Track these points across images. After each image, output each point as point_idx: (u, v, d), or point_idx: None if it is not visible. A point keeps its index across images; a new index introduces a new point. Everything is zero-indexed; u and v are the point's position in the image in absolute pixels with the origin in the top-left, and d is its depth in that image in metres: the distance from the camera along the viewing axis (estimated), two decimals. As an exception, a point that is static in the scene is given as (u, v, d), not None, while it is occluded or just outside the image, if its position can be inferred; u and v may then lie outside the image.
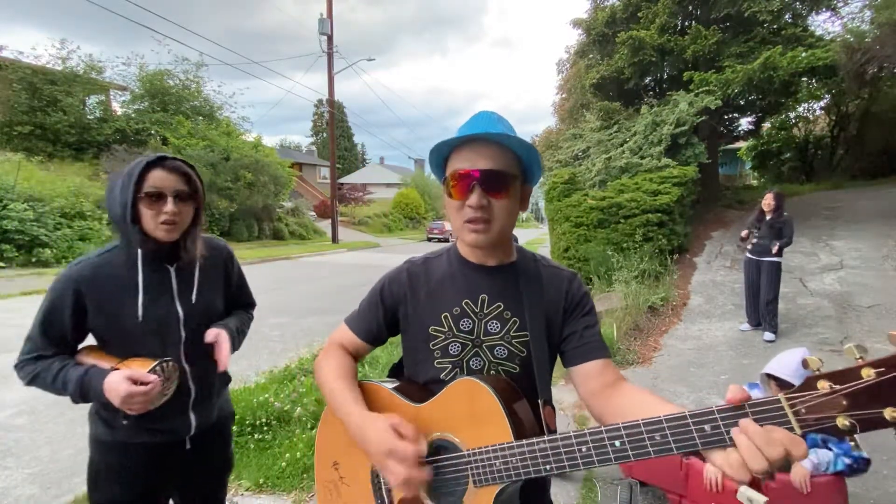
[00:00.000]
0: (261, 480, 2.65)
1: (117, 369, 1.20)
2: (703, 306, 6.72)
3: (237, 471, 2.74)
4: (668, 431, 0.67)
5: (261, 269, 12.71)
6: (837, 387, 0.58)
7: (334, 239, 20.85)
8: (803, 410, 0.60)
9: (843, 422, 0.57)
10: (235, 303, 1.58)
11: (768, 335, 5.29)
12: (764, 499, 1.61)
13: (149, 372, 1.18)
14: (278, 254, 16.05)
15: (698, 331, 5.84)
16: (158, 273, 1.31)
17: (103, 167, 16.22)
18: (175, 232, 1.28)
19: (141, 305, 1.26)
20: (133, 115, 19.65)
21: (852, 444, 0.57)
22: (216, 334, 1.35)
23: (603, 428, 0.73)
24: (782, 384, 2.17)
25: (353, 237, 24.83)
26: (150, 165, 1.24)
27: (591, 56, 14.44)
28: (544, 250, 14.55)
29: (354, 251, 19.11)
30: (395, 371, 1.20)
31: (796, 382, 2.33)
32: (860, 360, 0.58)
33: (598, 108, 13.97)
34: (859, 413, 0.57)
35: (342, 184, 35.73)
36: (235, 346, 1.45)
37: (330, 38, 20.28)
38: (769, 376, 2.23)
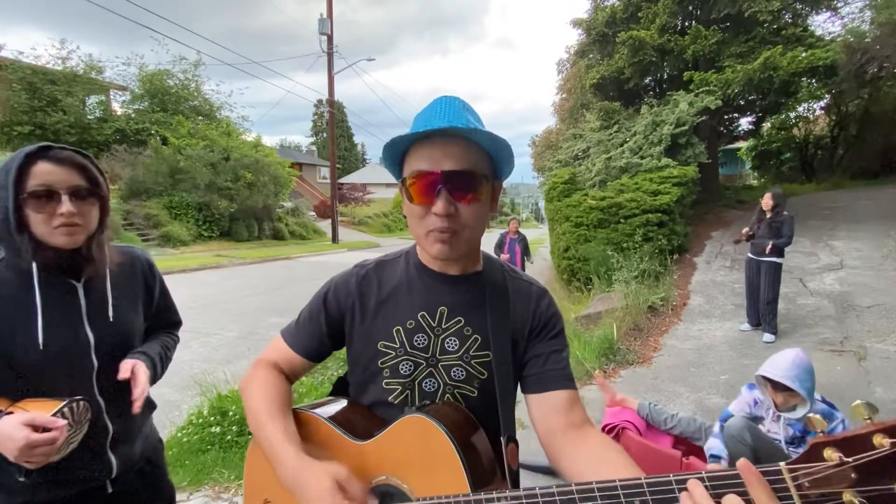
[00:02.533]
0: (261, 480, 2.65)
1: (11, 413, 0.95)
2: (703, 306, 6.71)
3: (237, 471, 2.74)
4: (649, 497, 0.58)
5: (261, 269, 12.71)
6: (848, 459, 0.51)
7: (334, 239, 20.85)
8: (807, 484, 0.52)
9: (850, 498, 0.50)
10: (158, 322, 1.34)
11: (768, 335, 5.29)
12: None
13: (54, 415, 0.95)
14: (278, 254, 16.05)
15: (698, 331, 5.84)
16: (61, 290, 1.08)
17: (103, 167, 16.22)
18: (79, 235, 1.05)
19: (41, 331, 1.03)
20: (133, 115, 19.69)
21: None
22: (131, 367, 1.11)
23: (574, 487, 0.63)
24: (776, 385, 2.17)
25: (354, 237, 24.82)
26: (32, 158, 1.01)
27: (591, 56, 14.44)
28: (544, 250, 14.55)
29: (354, 251, 19.10)
30: (340, 385, 1.07)
31: (789, 383, 2.33)
32: (870, 422, 0.52)
33: (598, 108, 13.97)
34: (869, 489, 0.50)
35: (342, 184, 35.72)
36: (156, 376, 1.24)
37: (330, 38, 20.28)
38: (764, 378, 2.24)
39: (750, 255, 5.50)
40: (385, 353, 0.91)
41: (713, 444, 2.30)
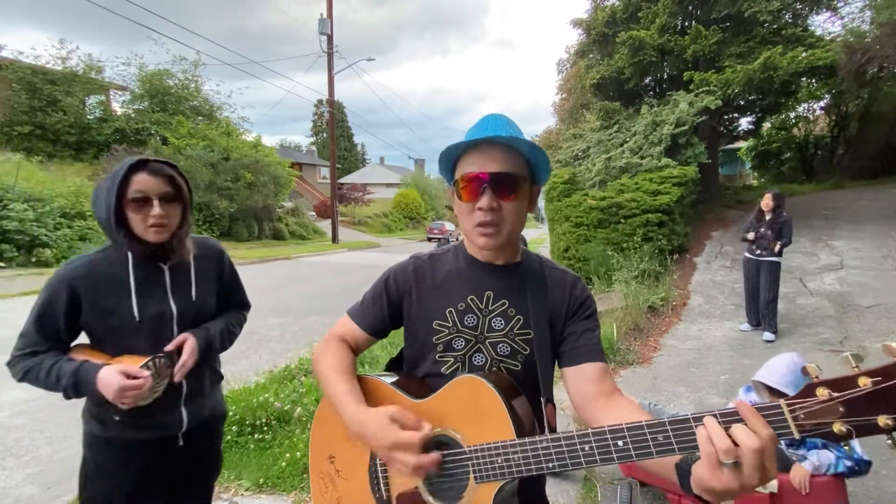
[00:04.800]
0: (261, 480, 2.65)
1: (110, 364, 1.23)
2: (703, 306, 6.71)
3: (237, 471, 2.74)
4: (671, 432, 0.68)
5: (261, 269, 12.71)
6: (835, 394, 0.60)
7: (334, 239, 20.85)
8: (802, 416, 0.62)
9: (839, 427, 0.60)
10: (228, 302, 1.58)
11: (768, 335, 5.29)
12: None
13: (141, 367, 1.23)
14: (278, 254, 16.05)
15: (698, 331, 5.84)
16: (152, 272, 1.34)
17: (103, 167, 16.23)
18: (165, 233, 1.31)
19: (135, 304, 1.30)
20: (133, 115, 19.67)
21: (846, 448, 0.61)
22: (181, 341, 1.34)
23: (606, 428, 0.74)
24: (773, 391, 2.17)
25: (353, 237, 24.82)
26: (133, 169, 1.26)
27: (591, 56, 14.43)
28: (544, 250, 14.54)
29: (354, 251, 19.11)
30: (392, 366, 1.20)
31: (784, 389, 2.34)
32: (857, 369, 0.61)
33: (598, 108, 13.97)
34: (855, 420, 0.59)
35: (342, 184, 35.72)
36: (219, 348, 1.47)
37: (330, 38, 20.28)
38: (762, 384, 2.23)
39: (748, 254, 5.50)
40: (439, 331, 1.03)
41: None
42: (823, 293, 6.53)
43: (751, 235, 5.38)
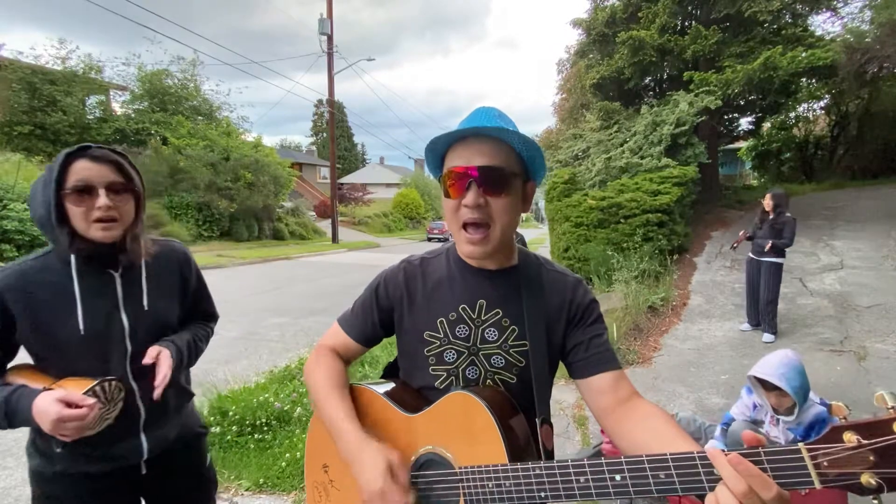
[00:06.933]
0: (261, 480, 2.65)
1: (50, 389, 1.04)
2: (703, 306, 6.71)
3: (237, 471, 2.74)
4: (673, 471, 0.64)
5: (261, 269, 12.71)
6: (865, 441, 0.53)
7: (334, 239, 20.85)
8: (825, 463, 0.55)
9: (868, 479, 0.53)
10: (193, 313, 1.40)
11: (768, 335, 5.29)
12: None
13: (85, 393, 1.02)
14: (278, 254, 16.05)
15: (698, 331, 5.84)
16: (99, 279, 1.15)
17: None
18: (115, 230, 1.11)
19: (81, 316, 1.10)
20: (133, 115, 19.67)
21: (875, 502, 0.55)
22: (156, 354, 1.16)
23: (604, 461, 0.69)
24: (767, 385, 2.17)
25: (353, 237, 24.82)
26: (72, 157, 1.08)
27: (591, 56, 14.42)
28: (544, 250, 14.54)
29: (354, 251, 19.10)
30: (391, 370, 1.16)
31: (776, 381, 2.33)
32: (892, 412, 0.54)
33: (598, 108, 13.95)
34: (887, 472, 0.52)
35: (342, 184, 35.73)
36: (186, 363, 1.29)
37: (330, 38, 20.28)
38: (756, 379, 2.23)
39: (751, 255, 5.50)
40: (430, 342, 0.98)
41: (714, 446, 2.30)
42: (823, 293, 6.52)
43: (741, 233, 5.43)
